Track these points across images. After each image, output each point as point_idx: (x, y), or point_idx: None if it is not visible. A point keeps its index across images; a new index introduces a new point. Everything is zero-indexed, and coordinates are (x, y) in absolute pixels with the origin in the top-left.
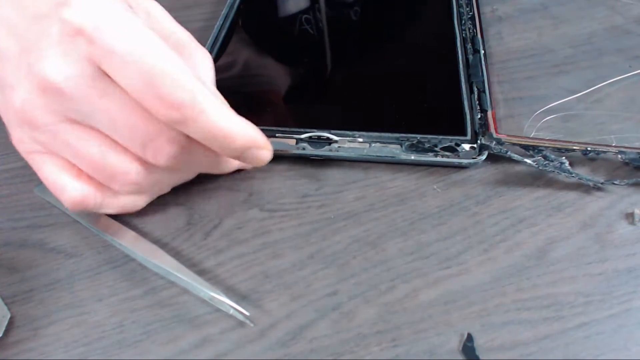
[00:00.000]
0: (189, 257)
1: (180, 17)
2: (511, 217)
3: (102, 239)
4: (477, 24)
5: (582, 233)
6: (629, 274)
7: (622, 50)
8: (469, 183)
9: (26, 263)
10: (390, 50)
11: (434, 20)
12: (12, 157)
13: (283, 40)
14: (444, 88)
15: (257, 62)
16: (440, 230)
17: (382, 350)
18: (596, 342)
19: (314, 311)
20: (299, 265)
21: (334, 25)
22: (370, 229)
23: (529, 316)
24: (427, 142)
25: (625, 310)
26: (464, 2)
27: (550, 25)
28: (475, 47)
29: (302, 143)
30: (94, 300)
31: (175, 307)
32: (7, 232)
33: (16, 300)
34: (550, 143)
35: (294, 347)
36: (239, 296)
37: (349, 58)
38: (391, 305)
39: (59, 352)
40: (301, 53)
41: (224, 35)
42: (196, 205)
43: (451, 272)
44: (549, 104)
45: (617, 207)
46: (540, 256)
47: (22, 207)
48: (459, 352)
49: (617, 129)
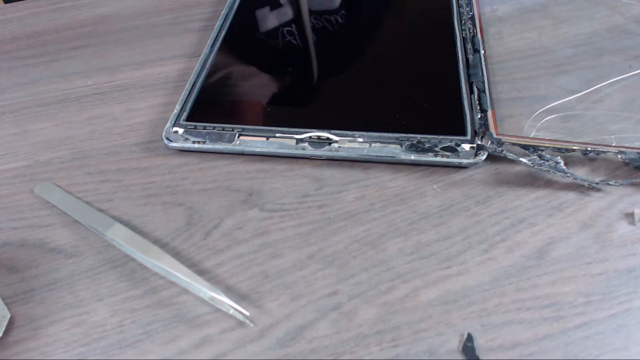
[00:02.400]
0: (189, 257)
1: (180, 17)
2: (511, 217)
3: (102, 239)
4: (477, 24)
5: (582, 233)
6: (629, 274)
7: (622, 50)
8: (469, 183)
9: (26, 263)
10: (391, 50)
11: (434, 20)
12: (12, 157)
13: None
14: (444, 88)
15: (257, 63)
16: (440, 230)
17: (382, 350)
18: (596, 342)
19: (314, 311)
20: (299, 265)
21: (337, 24)
22: (370, 229)
23: (529, 316)
24: (427, 142)
25: (625, 310)
26: (464, 2)
27: (550, 25)
28: (475, 47)
29: (302, 143)
30: (94, 300)
31: (175, 307)
32: (7, 232)
33: (16, 300)
34: (550, 143)
35: (294, 347)
36: (239, 296)
37: (349, 58)
38: (391, 305)
39: (59, 352)
40: (302, 53)
41: (224, 35)
42: (196, 205)
43: (451, 272)
44: (549, 104)
45: (617, 207)
46: (540, 256)
47: (22, 207)
48: (459, 352)
49: (617, 129)
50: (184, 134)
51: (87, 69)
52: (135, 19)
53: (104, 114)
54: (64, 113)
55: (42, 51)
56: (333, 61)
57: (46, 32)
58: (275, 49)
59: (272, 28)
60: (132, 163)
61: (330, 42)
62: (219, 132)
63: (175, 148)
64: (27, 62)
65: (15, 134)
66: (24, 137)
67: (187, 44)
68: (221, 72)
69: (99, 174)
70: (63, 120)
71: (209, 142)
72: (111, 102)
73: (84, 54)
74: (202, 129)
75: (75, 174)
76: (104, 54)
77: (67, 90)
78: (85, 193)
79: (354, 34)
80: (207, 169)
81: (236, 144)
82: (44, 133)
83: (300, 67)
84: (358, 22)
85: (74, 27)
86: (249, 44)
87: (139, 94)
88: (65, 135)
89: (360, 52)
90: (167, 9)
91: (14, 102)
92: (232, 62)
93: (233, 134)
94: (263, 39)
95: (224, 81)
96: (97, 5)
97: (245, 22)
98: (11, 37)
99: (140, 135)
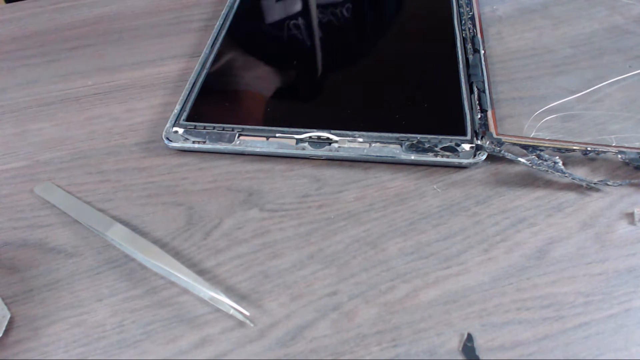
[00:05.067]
0: (189, 257)
1: (180, 17)
2: (511, 217)
3: (102, 239)
4: (477, 24)
5: (582, 233)
6: (629, 274)
7: (622, 50)
8: (469, 183)
9: (26, 263)
10: (391, 51)
11: (434, 20)
12: (12, 157)
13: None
14: (444, 88)
15: (257, 62)
16: (440, 230)
17: (382, 350)
18: (596, 342)
19: (314, 311)
20: (299, 265)
21: (334, 25)
22: (370, 229)
23: (529, 316)
24: (427, 142)
25: (625, 310)
26: (464, 2)
27: (550, 25)
28: (475, 47)
29: (302, 143)
30: (94, 300)
31: (175, 307)
32: (7, 232)
33: (16, 300)
34: (550, 143)
35: (294, 347)
36: (239, 296)
37: (349, 58)
38: (391, 305)
39: (59, 352)
40: (301, 53)
41: (224, 35)
42: (196, 205)
43: (451, 272)
44: (549, 104)
45: (617, 207)
46: (540, 256)
47: (22, 207)
48: (459, 352)
49: (617, 129)
50: (184, 134)
51: (87, 69)
52: (135, 19)
53: (104, 114)
54: (63, 113)
55: (42, 51)
56: (333, 61)
57: (46, 32)
58: (275, 48)
59: (272, 28)
60: (132, 163)
61: (330, 42)
62: (219, 132)
63: (175, 148)
64: (27, 62)
65: (15, 134)
66: (24, 137)
67: (187, 44)
68: (221, 72)
69: (98, 174)
70: (63, 120)
71: (209, 142)
72: (111, 102)
73: (84, 54)
74: (202, 129)
75: (75, 174)
76: (104, 54)
77: (67, 90)
78: (85, 193)
79: (353, 34)
80: (207, 169)
81: (236, 144)
82: (44, 133)
83: (299, 68)
84: (357, 24)
85: (74, 27)
86: (249, 43)
87: (139, 94)
88: (65, 135)
89: (360, 52)
90: (167, 9)
91: (14, 102)
92: (232, 61)
93: (233, 134)
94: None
95: (224, 81)
96: (97, 5)
97: (245, 21)
98: (11, 37)
99: (140, 135)
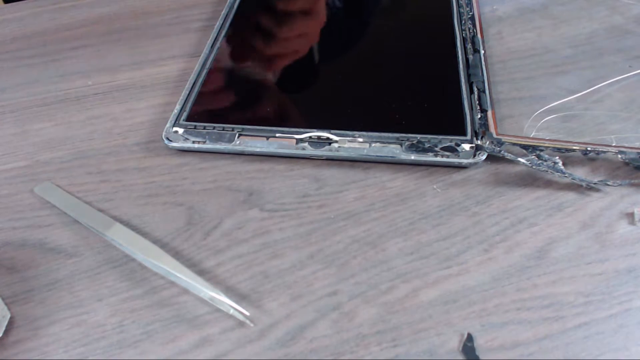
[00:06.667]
0: (189, 257)
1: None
2: (511, 217)
3: (102, 239)
4: (477, 24)
5: (582, 233)
6: (629, 274)
7: (622, 50)
8: (469, 183)
9: (26, 263)
10: (391, 51)
11: (434, 20)
12: (12, 157)
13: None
14: (444, 88)
15: (257, 62)
16: (440, 230)
17: (382, 350)
18: (596, 342)
19: (314, 311)
20: (299, 265)
21: (334, 26)
22: (370, 229)
23: (529, 316)
24: (427, 142)
25: (625, 310)
26: (464, 2)
27: (550, 25)
28: (475, 47)
29: (302, 143)
30: (94, 300)
31: (175, 307)
32: (7, 232)
33: (16, 300)
34: (550, 143)
35: (294, 347)
36: (239, 296)
37: (349, 58)
38: (391, 305)
39: (59, 352)
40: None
41: (224, 35)
42: (196, 205)
43: (451, 272)
44: (549, 104)
45: (617, 207)
46: (540, 256)
47: (22, 207)
48: (459, 352)
49: (617, 129)
50: (184, 134)
51: (87, 69)
52: (135, 19)
53: (104, 114)
54: (63, 113)
55: (42, 51)
56: (333, 61)
57: (46, 32)
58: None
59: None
60: (132, 163)
61: (329, 42)
62: (219, 132)
63: (175, 148)
64: (27, 62)
65: (15, 134)
66: (24, 137)
67: (187, 44)
68: (221, 72)
69: (99, 174)
70: (63, 120)
71: (209, 142)
72: (111, 102)
73: (84, 54)
74: (202, 128)
75: (75, 174)
76: (104, 54)
77: (67, 90)
78: (85, 193)
79: (353, 34)
80: (207, 169)
81: (236, 144)
82: (44, 133)
83: (299, 67)
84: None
85: (74, 27)
86: (249, 43)
87: (139, 94)
88: (65, 135)
89: (360, 52)
90: (167, 9)
91: (14, 102)
92: (232, 62)
93: (233, 134)
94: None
95: (224, 81)
96: (97, 5)
97: (246, 21)
98: (11, 37)
99: (140, 135)
